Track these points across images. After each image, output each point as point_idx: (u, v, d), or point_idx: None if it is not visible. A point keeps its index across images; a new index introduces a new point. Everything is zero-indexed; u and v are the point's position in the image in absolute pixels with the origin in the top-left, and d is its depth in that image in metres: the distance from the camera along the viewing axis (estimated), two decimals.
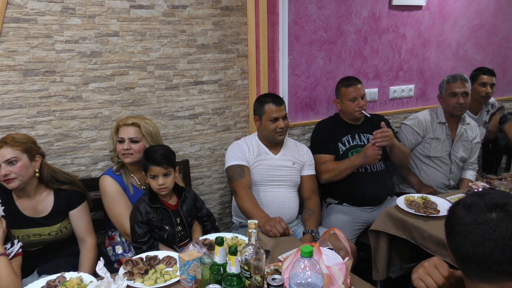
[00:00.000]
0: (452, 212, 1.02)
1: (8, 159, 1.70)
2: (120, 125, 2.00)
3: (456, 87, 2.53)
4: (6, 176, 1.70)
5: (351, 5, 2.73)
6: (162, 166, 1.81)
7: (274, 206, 2.19)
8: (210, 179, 2.59)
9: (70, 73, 2.06)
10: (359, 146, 2.47)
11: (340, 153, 2.45)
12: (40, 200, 1.83)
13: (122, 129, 1.98)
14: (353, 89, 2.41)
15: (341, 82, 2.50)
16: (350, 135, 2.47)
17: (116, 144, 2.00)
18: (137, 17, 2.15)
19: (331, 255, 1.48)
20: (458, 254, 1.00)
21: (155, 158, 1.81)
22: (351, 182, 2.42)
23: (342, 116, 2.53)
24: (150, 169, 1.81)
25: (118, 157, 2.01)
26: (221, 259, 1.30)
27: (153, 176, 1.81)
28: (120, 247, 1.98)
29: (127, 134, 1.96)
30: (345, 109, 2.46)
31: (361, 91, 2.42)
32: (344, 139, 2.46)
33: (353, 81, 2.45)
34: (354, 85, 2.42)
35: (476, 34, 3.36)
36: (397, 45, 3.01)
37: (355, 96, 2.40)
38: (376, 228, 2.08)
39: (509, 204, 0.95)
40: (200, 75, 2.39)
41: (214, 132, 2.52)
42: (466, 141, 2.66)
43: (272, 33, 2.47)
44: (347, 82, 2.46)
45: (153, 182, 1.82)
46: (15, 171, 1.71)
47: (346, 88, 2.43)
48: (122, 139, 1.97)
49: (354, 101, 2.40)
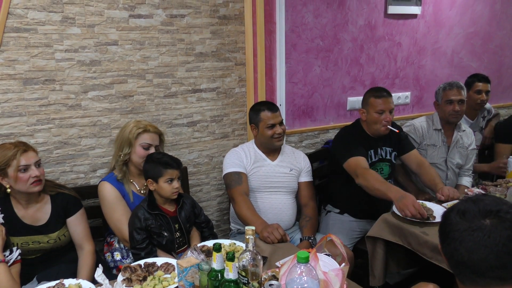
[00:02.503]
0: (446, 218, 1.03)
1: (37, 161, 1.78)
2: (148, 130, 1.97)
3: (452, 95, 2.55)
4: (37, 177, 1.75)
5: (347, 13, 2.77)
6: (178, 169, 1.87)
7: (271, 213, 2.20)
8: (208, 186, 2.60)
9: (69, 81, 2.09)
10: (380, 161, 2.40)
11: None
12: (38, 207, 1.84)
13: (149, 135, 1.98)
14: (383, 101, 2.28)
15: (370, 92, 2.37)
16: (373, 150, 2.37)
17: (135, 148, 1.97)
18: (136, 26, 2.18)
19: (328, 261, 1.50)
20: (452, 260, 1.02)
21: (170, 163, 1.86)
22: (356, 194, 2.33)
23: (364, 127, 2.40)
24: (168, 173, 1.83)
25: (129, 161, 2.00)
26: (219, 265, 1.31)
27: (170, 180, 1.84)
28: (118, 253, 1.99)
29: (154, 141, 1.99)
30: (370, 120, 2.33)
31: (391, 105, 2.30)
32: (369, 154, 2.35)
33: (383, 93, 2.32)
34: (384, 97, 2.29)
35: (471, 42, 3.40)
36: (393, 53, 3.04)
37: (383, 109, 2.28)
38: (373, 235, 2.09)
39: (503, 210, 0.96)
40: (198, 83, 2.42)
41: (212, 139, 2.54)
42: (462, 148, 2.68)
43: (269, 41, 2.50)
44: (377, 93, 2.32)
45: (169, 186, 1.84)
46: (42, 173, 1.80)
47: (375, 99, 2.30)
48: (149, 145, 1.98)
49: (381, 114, 2.28)
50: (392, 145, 2.45)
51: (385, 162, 2.44)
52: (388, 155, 2.44)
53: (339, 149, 2.34)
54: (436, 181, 2.30)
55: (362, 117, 2.39)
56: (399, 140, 2.47)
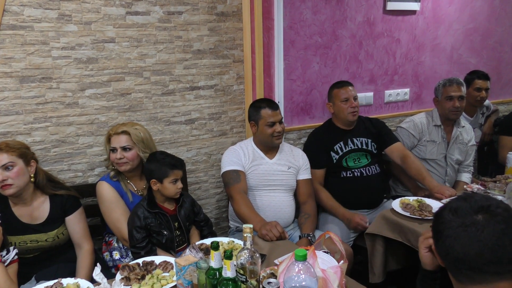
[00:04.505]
0: (439, 217, 1.04)
1: (5, 164, 1.70)
2: (111, 134, 1.99)
3: (452, 91, 2.55)
4: (3, 182, 1.69)
5: (346, 10, 2.76)
6: (182, 169, 1.89)
7: (270, 211, 2.19)
8: (207, 184, 2.59)
9: (66, 79, 2.07)
10: (353, 151, 2.48)
11: (334, 162, 2.47)
12: (36, 206, 1.83)
13: (113, 138, 1.97)
14: (345, 90, 2.45)
15: (333, 85, 2.54)
16: (343, 142, 2.48)
17: (109, 153, 2.00)
18: (133, 23, 2.17)
19: (326, 258, 1.49)
20: (448, 258, 1.02)
21: (175, 163, 1.87)
22: (347, 186, 2.45)
23: (334, 121, 2.54)
24: (174, 173, 1.84)
25: (113, 165, 2.01)
26: (217, 264, 1.31)
27: (174, 180, 1.84)
28: (117, 252, 1.99)
29: (118, 143, 1.96)
30: (338, 111, 2.47)
31: (353, 93, 2.46)
32: (337, 147, 2.48)
33: (344, 83, 2.50)
34: (346, 86, 2.46)
35: (470, 38, 3.39)
36: (392, 49, 3.03)
37: (347, 97, 2.43)
38: (372, 231, 2.09)
39: (493, 205, 0.99)
40: (196, 80, 2.40)
41: (210, 137, 2.53)
42: (462, 144, 2.68)
43: (267, 38, 2.49)
44: (339, 84, 2.50)
45: (173, 186, 1.84)
46: (12, 176, 1.70)
47: (338, 89, 2.47)
48: (114, 148, 1.96)
49: (346, 102, 2.42)
50: (371, 137, 2.52)
51: (362, 152, 2.49)
52: (364, 145, 2.49)
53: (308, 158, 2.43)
54: (422, 173, 2.34)
55: (330, 110, 2.53)
56: (379, 133, 2.54)
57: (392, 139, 2.54)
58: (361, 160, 2.50)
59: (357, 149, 2.48)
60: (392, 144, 2.52)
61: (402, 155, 2.46)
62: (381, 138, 2.54)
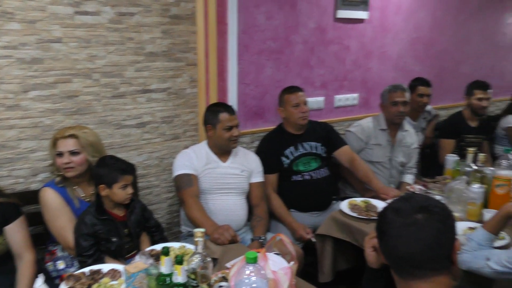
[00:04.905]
0: (383, 217, 1.09)
1: None
2: (58, 138, 1.89)
3: (396, 97, 2.68)
4: None
5: (298, 16, 2.83)
6: (132, 174, 1.83)
7: (223, 214, 2.19)
8: (158, 189, 2.55)
9: (7, 80, 1.96)
10: (303, 155, 2.54)
11: (285, 166, 2.51)
12: None
13: (60, 142, 1.88)
14: (295, 96, 2.50)
15: (284, 91, 2.58)
16: (293, 146, 2.53)
17: (54, 158, 1.90)
18: (82, 23, 2.10)
19: (278, 260, 1.52)
20: (391, 256, 1.07)
21: (124, 168, 1.80)
22: (298, 190, 2.51)
23: (285, 126, 2.59)
24: (124, 179, 1.78)
25: (59, 170, 1.92)
26: (167, 269, 1.30)
27: (124, 186, 1.78)
28: (62, 262, 1.90)
29: (65, 147, 1.87)
30: (288, 116, 2.52)
31: (303, 98, 2.51)
32: (287, 152, 2.52)
33: (295, 89, 2.55)
34: (296, 92, 2.52)
35: (414, 47, 3.59)
36: (342, 56, 3.14)
37: (297, 102, 2.48)
38: (322, 232, 2.16)
39: (432, 205, 1.04)
40: (149, 83, 2.36)
41: (162, 141, 2.49)
42: (405, 147, 2.82)
43: (221, 42, 2.49)
44: (290, 90, 2.55)
45: (123, 192, 1.78)
46: None
47: (289, 95, 2.52)
48: (60, 153, 1.87)
49: (297, 107, 2.48)
50: (320, 140, 2.60)
51: (312, 155, 2.57)
52: (314, 149, 2.57)
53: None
54: (369, 175, 2.50)
55: (281, 115, 2.57)
56: (328, 136, 2.63)
57: (340, 142, 2.64)
58: (311, 164, 2.56)
59: (307, 153, 2.54)
60: (340, 148, 2.61)
61: (350, 158, 2.57)
62: (330, 142, 2.63)
